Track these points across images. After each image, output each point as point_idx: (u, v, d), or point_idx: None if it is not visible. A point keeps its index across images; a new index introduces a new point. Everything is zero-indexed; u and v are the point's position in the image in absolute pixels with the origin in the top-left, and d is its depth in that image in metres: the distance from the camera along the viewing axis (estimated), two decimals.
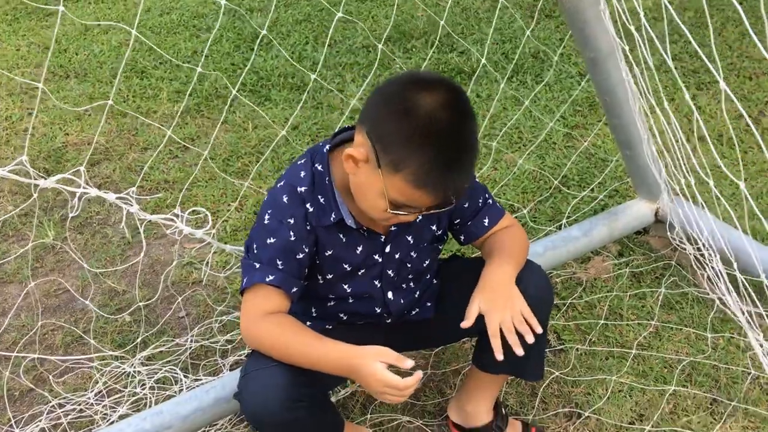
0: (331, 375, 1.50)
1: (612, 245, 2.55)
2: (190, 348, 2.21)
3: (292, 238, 1.51)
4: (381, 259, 1.63)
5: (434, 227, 1.68)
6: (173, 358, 2.19)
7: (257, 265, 1.51)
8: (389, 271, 1.65)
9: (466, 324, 1.53)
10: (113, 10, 4.59)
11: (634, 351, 2.15)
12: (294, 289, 1.54)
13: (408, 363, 1.39)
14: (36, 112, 2.74)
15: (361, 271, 1.63)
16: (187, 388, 2.06)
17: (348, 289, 1.65)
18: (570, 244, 2.36)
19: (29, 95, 3.64)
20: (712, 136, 3.06)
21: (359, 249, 1.60)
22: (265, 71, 3.69)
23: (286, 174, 1.57)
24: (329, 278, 1.62)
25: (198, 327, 2.29)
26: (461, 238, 1.74)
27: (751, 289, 1.99)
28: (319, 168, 1.53)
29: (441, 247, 1.75)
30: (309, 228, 1.53)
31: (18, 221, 2.78)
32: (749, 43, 3.69)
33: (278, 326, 1.50)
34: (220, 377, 1.98)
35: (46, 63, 3.90)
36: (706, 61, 1.26)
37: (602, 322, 2.25)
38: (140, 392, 2.08)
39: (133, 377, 2.13)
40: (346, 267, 1.61)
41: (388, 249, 1.62)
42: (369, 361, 1.40)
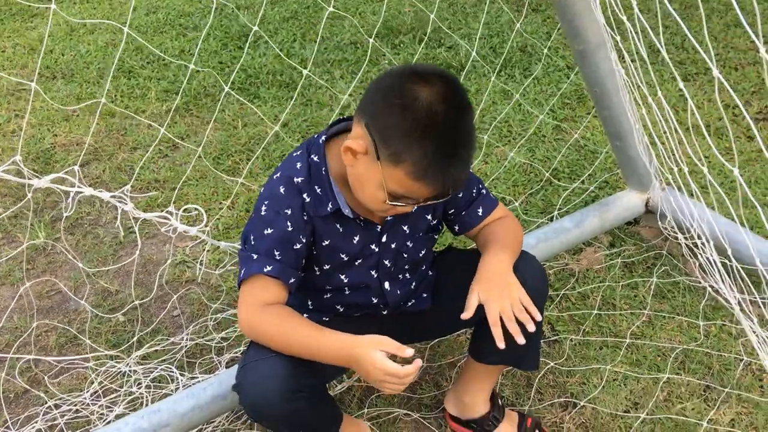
0: (331, 366, 1.51)
1: (603, 236, 2.56)
2: (185, 346, 2.21)
3: (289, 229, 1.52)
4: (377, 249, 1.63)
5: (429, 216, 1.69)
6: (169, 356, 2.18)
7: (255, 256, 1.51)
8: (386, 261, 1.66)
9: (466, 315, 1.53)
10: (98, 10, 4.57)
11: (628, 340, 2.17)
12: (292, 280, 1.54)
13: (408, 351, 1.40)
14: (28, 112, 2.74)
15: (358, 261, 1.64)
16: (183, 387, 2.05)
17: (345, 280, 1.65)
18: (562, 235, 2.38)
19: (16, 96, 3.62)
20: (700, 126, 3.08)
21: (356, 239, 1.60)
22: (253, 69, 3.69)
23: (282, 166, 1.58)
24: (326, 269, 1.63)
25: (193, 325, 2.29)
26: (455, 228, 1.75)
27: (744, 276, 2.01)
28: (315, 159, 1.53)
29: (436, 237, 1.75)
30: (306, 218, 1.53)
31: (8, 223, 2.76)
32: (734, 33, 3.72)
33: (277, 317, 1.50)
34: (216, 374, 1.98)
35: (38, 62, 3.88)
36: (700, 50, 1.27)
37: (595, 312, 2.27)
38: (136, 391, 2.08)
39: (129, 376, 2.12)
40: (343, 257, 1.61)
41: (385, 239, 1.63)
42: (369, 350, 1.41)
